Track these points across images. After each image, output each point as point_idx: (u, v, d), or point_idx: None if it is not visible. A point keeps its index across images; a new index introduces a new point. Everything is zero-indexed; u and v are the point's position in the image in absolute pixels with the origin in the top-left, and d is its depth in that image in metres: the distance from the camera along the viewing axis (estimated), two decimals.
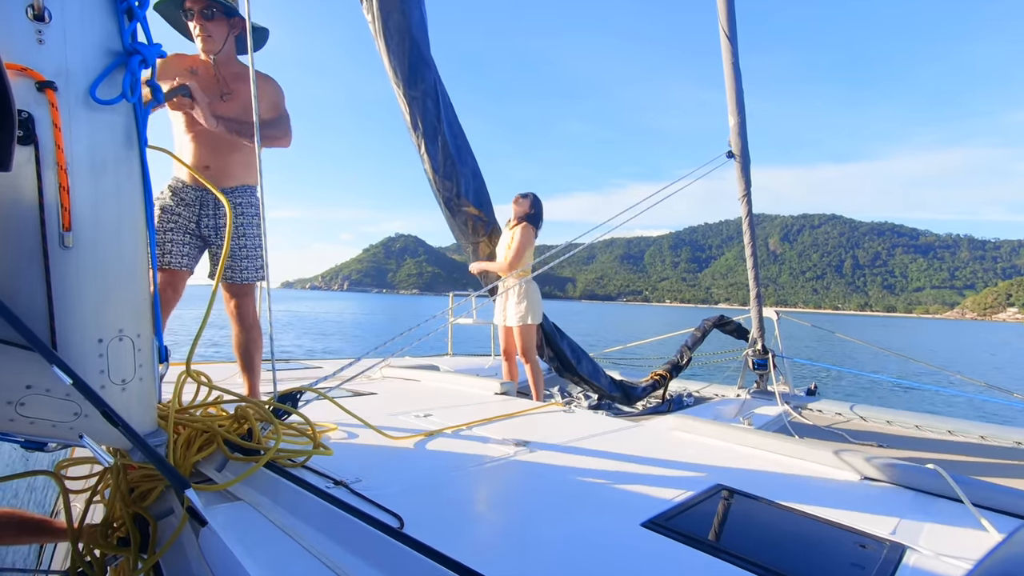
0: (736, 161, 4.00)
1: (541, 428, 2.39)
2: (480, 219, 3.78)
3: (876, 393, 11.90)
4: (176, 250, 2.42)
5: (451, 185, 3.59)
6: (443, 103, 3.49)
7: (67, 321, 1.17)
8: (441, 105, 3.47)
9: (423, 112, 3.41)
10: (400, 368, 4.06)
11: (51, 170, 1.13)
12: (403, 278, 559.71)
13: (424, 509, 1.39)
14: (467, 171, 3.64)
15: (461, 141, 3.61)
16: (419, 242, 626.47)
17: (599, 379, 4.02)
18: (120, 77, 1.23)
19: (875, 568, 1.18)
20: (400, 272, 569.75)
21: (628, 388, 4.15)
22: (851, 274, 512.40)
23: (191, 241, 2.48)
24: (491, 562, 1.10)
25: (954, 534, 1.41)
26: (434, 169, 3.53)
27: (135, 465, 1.51)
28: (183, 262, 2.45)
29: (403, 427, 2.27)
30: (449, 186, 3.59)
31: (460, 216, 3.73)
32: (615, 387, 4.09)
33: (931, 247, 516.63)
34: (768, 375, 4.51)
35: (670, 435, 2.35)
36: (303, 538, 1.22)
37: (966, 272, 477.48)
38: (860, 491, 1.72)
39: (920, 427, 3.54)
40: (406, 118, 3.44)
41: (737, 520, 1.48)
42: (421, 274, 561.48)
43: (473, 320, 5.82)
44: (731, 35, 3.72)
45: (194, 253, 2.52)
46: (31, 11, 1.10)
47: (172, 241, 2.42)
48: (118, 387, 1.26)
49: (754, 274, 4.47)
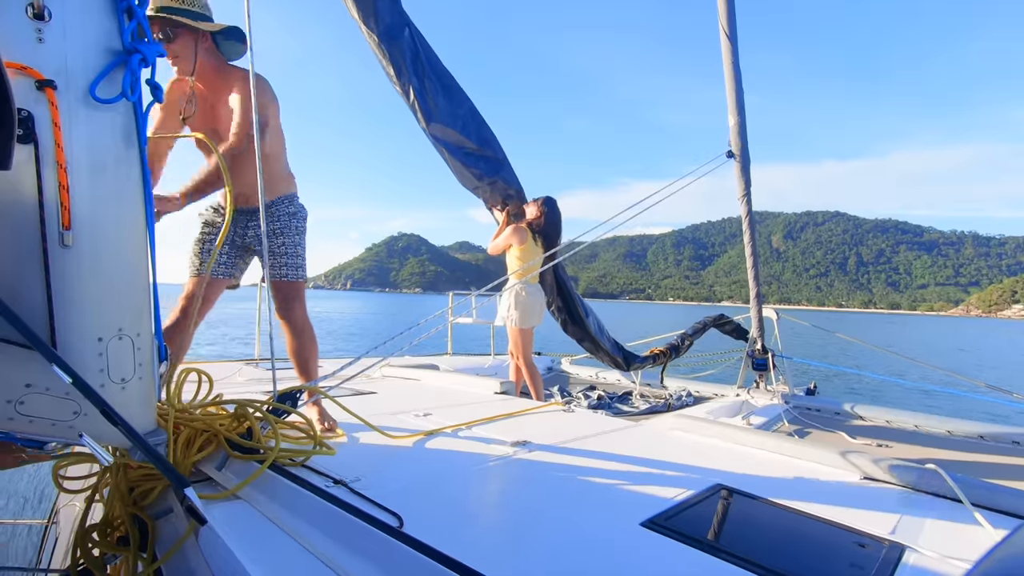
0: (736, 161, 3.99)
1: (541, 428, 2.39)
2: (481, 156, 3.61)
3: (876, 392, 11.90)
4: (207, 258, 2.38)
5: (450, 131, 3.42)
6: (420, 43, 3.28)
7: (67, 320, 1.17)
8: (419, 45, 3.27)
9: (402, 53, 3.19)
10: (400, 367, 4.06)
11: (51, 169, 1.13)
12: (406, 277, 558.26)
13: (424, 508, 1.39)
14: (463, 111, 3.48)
15: (448, 80, 3.41)
16: (422, 241, 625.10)
17: (603, 337, 4.03)
18: (120, 76, 1.23)
19: (874, 568, 1.18)
20: (403, 271, 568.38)
21: (628, 353, 4.21)
22: (855, 271, 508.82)
23: (230, 251, 2.46)
24: (491, 561, 1.09)
25: (953, 534, 1.41)
26: (427, 118, 3.32)
27: (135, 464, 1.51)
28: (218, 270, 2.42)
29: (403, 426, 2.27)
30: (449, 133, 3.42)
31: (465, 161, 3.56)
32: (617, 349, 4.13)
33: (935, 244, 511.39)
34: (768, 375, 4.51)
35: (670, 435, 2.35)
36: (303, 537, 1.22)
37: (971, 269, 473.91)
38: (860, 491, 1.72)
39: (920, 426, 3.54)
40: (386, 68, 3.23)
41: (737, 520, 1.48)
42: (424, 273, 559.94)
43: (473, 319, 5.82)
44: (731, 35, 3.72)
45: (233, 262, 2.48)
46: (31, 9, 1.10)
47: (209, 251, 2.38)
48: (118, 386, 1.26)
49: (754, 273, 4.47)
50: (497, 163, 3.68)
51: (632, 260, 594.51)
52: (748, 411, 3.71)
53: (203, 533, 1.20)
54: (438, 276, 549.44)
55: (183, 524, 1.28)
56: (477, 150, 3.57)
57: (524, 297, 3.83)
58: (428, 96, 3.32)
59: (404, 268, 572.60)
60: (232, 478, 1.54)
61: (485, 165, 3.63)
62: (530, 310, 3.86)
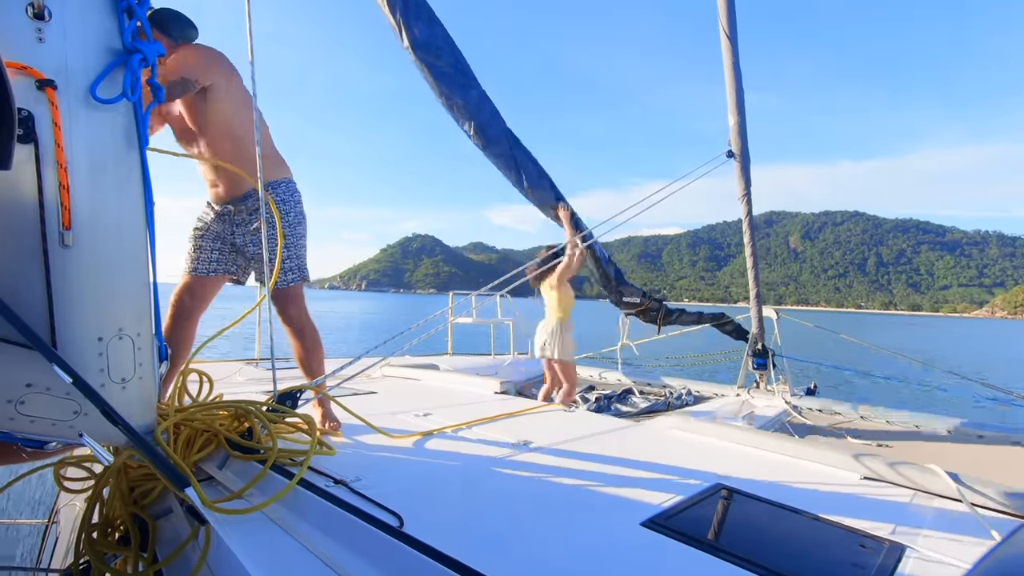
0: (736, 161, 3.99)
1: (541, 428, 2.39)
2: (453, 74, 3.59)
3: (876, 392, 11.90)
4: (203, 256, 2.36)
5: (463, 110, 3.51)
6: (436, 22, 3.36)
7: (67, 319, 1.17)
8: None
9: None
10: (400, 367, 4.06)
11: (51, 168, 1.13)
12: (420, 278, 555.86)
13: (424, 508, 1.39)
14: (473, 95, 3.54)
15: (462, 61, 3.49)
16: (436, 242, 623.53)
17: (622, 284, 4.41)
18: (120, 76, 1.23)
19: (874, 568, 1.18)
20: (417, 272, 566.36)
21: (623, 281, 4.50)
22: (875, 272, 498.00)
23: (222, 248, 2.41)
24: (490, 561, 1.09)
25: (953, 534, 1.41)
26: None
27: (135, 464, 1.51)
28: (210, 268, 2.38)
29: (403, 426, 2.27)
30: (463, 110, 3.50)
31: None
32: (618, 274, 4.46)
33: (958, 244, 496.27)
34: (768, 374, 4.51)
35: (670, 435, 2.35)
36: (303, 536, 1.23)
37: (995, 270, 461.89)
38: (860, 491, 1.72)
39: (920, 427, 3.54)
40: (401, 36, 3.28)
41: (737, 520, 1.48)
42: (438, 274, 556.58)
43: (473, 319, 5.82)
44: (731, 35, 3.72)
45: (226, 259, 2.43)
46: (31, 9, 1.10)
47: (200, 248, 2.36)
48: (118, 386, 1.26)
49: (754, 274, 4.47)
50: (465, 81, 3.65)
51: (647, 261, 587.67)
52: (748, 411, 3.71)
53: (203, 532, 1.20)
54: (452, 277, 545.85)
55: (183, 524, 1.28)
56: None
57: (562, 333, 4.12)
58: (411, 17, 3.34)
59: (419, 269, 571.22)
60: (233, 478, 1.54)
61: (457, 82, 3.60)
62: (569, 344, 4.15)
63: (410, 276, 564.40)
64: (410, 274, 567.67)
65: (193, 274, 2.35)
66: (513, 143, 3.75)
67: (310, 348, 2.38)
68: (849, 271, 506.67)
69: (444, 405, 2.80)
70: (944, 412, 3.86)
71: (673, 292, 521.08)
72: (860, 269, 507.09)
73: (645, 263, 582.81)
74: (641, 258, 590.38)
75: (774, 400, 4.02)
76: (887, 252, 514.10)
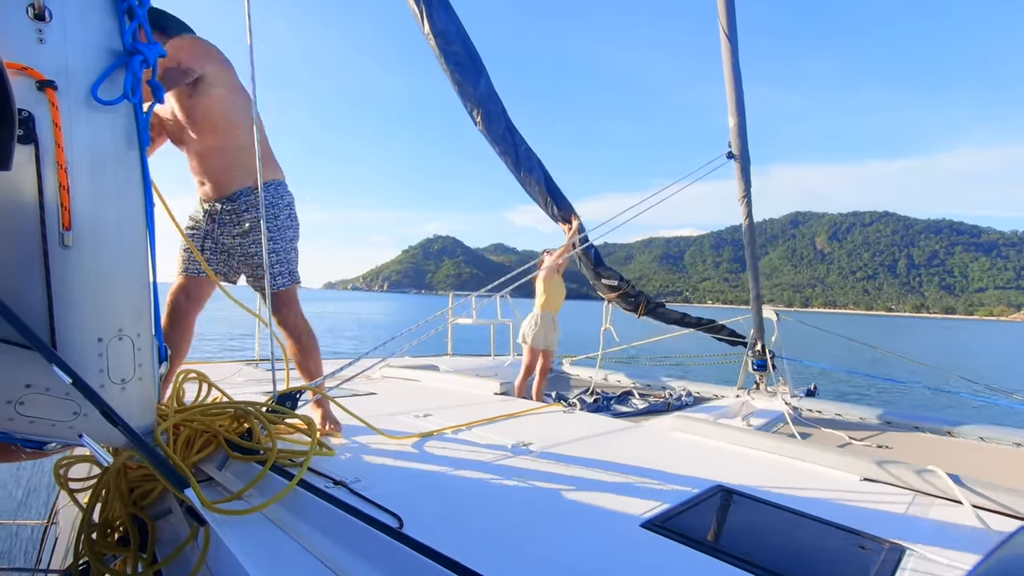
0: (736, 162, 3.99)
1: (541, 428, 2.38)
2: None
3: (876, 393, 11.89)
4: (193, 256, 2.32)
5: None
6: None
7: (67, 320, 1.17)
8: None
9: None
10: (400, 368, 4.06)
11: (51, 169, 1.13)
12: (441, 279, 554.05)
13: (423, 509, 1.39)
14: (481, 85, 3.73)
15: None
16: (457, 243, 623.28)
17: None
18: (121, 77, 1.23)
19: (875, 569, 1.18)
20: (439, 273, 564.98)
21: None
22: (905, 274, 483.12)
23: (212, 247, 2.37)
24: (490, 562, 1.09)
25: (953, 535, 1.41)
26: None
27: (134, 465, 1.51)
28: (200, 267, 2.32)
29: (403, 427, 2.27)
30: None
31: None
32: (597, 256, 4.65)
33: (994, 245, 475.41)
34: (768, 375, 4.50)
35: (670, 435, 2.35)
36: (303, 537, 1.22)
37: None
38: (860, 491, 1.72)
39: (920, 427, 3.54)
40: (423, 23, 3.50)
41: (737, 521, 1.48)
42: (459, 275, 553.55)
43: (473, 320, 5.81)
44: (731, 35, 3.72)
45: (217, 259, 2.38)
46: (31, 10, 1.10)
47: (188, 248, 2.33)
48: (117, 386, 1.26)
49: (754, 275, 4.47)
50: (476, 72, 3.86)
51: (669, 262, 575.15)
52: (748, 412, 3.71)
53: (202, 533, 1.20)
54: (473, 278, 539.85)
55: (183, 525, 1.28)
56: None
57: (540, 321, 4.47)
58: None
59: (440, 270, 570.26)
60: (232, 478, 1.54)
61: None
62: (540, 333, 4.47)
63: (431, 277, 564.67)
64: (431, 275, 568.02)
65: (186, 274, 2.34)
66: (512, 130, 3.99)
67: (307, 349, 2.37)
68: (879, 273, 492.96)
69: (444, 406, 2.80)
70: (945, 413, 3.86)
71: (696, 294, 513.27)
72: (890, 271, 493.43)
73: (667, 264, 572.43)
74: (663, 259, 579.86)
75: (774, 401, 4.02)
76: (919, 253, 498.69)
